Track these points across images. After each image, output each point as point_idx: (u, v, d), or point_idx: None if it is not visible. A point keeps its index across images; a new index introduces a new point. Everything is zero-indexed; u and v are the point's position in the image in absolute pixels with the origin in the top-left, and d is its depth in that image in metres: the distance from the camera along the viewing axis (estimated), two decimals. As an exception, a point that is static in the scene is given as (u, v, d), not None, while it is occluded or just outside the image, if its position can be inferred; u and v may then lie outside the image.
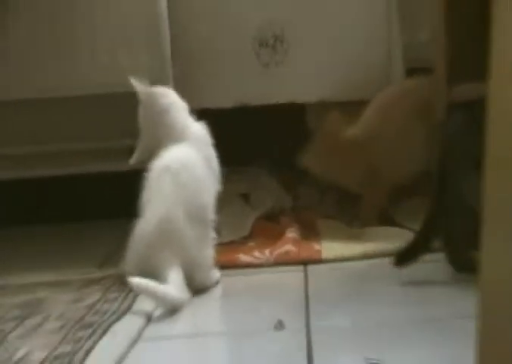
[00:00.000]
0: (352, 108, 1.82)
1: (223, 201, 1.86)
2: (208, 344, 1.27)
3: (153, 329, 1.33)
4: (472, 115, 1.31)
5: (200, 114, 1.83)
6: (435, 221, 1.47)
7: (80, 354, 1.20)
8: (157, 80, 1.67)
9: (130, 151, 1.66)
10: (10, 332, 1.34)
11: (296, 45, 1.89)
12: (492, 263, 0.51)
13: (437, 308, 1.32)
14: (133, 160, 1.60)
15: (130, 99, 1.61)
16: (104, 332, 1.29)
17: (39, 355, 1.21)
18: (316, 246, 1.68)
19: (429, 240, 1.47)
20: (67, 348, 1.24)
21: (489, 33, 0.51)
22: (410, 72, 1.91)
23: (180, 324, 1.37)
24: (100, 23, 1.97)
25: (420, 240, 1.47)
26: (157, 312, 1.40)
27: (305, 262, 1.62)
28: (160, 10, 1.88)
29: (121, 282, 1.55)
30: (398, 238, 1.65)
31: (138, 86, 1.59)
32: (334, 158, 1.80)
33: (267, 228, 1.80)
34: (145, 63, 1.86)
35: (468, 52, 1.55)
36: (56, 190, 2.06)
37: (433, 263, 1.53)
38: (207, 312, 1.45)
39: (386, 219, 1.80)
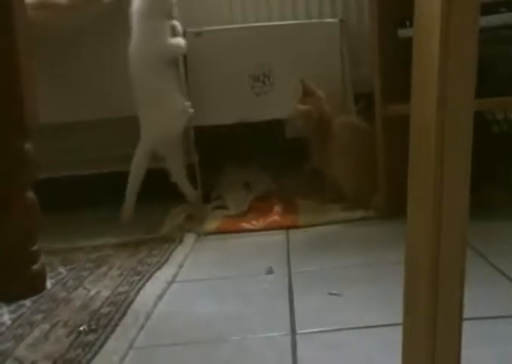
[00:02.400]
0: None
1: (230, 187, 1.88)
2: (218, 285, 1.27)
3: (182, 275, 1.34)
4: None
5: (214, 128, 1.84)
6: None
7: (133, 293, 1.21)
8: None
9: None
10: (86, 278, 1.35)
11: (278, 80, 1.89)
12: (415, 218, 0.51)
13: (378, 256, 1.33)
14: None
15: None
16: (150, 277, 1.31)
17: (106, 293, 1.23)
18: (295, 217, 1.69)
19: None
20: (124, 288, 1.25)
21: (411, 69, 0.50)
22: (359, 96, 1.90)
23: (198, 271, 1.38)
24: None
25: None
26: (185, 264, 1.41)
27: (287, 228, 1.62)
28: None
29: (161, 243, 1.57)
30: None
31: None
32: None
33: (260, 205, 1.79)
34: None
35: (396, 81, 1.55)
36: (110, 183, 2.01)
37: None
38: (217, 262, 1.44)
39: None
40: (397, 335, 0.53)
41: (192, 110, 1.73)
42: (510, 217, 1.49)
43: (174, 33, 1.76)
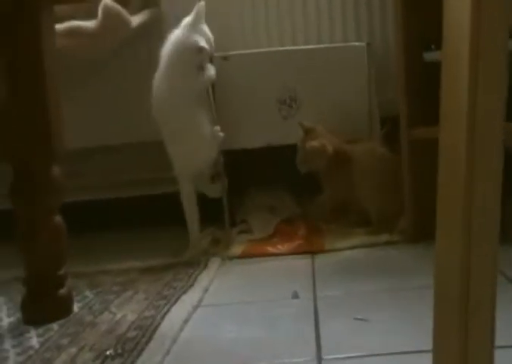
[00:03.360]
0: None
1: (255, 210, 1.88)
2: (244, 309, 1.27)
3: (207, 299, 1.34)
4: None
5: (242, 152, 1.85)
6: None
7: (159, 317, 1.21)
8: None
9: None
10: (112, 301, 1.36)
11: (305, 103, 1.89)
12: (444, 243, 0.50)
13: (404, 281, 1.31)
14: None
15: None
16: (176, 301, 1.31)
17: (132, 317, 1.23)
18: (320, 241, 1.68)
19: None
20: (150, 312, 1.25)
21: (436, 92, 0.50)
22: (384, 120, 1.90)
23: (223, 295, 1.37)
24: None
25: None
26: (211, 288, 1.40)
27: (312, 252, 1.61)
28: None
29: (186, 267, 1.56)
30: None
31: None
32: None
33: (285, 229, 1.78)
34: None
35: (421, 105, 1.55)
36: (134, 207, 2.02)
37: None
38: (243, 286, 1.44)
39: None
40: (424, 362, 0.53)
41: (221, 134, 1.73)
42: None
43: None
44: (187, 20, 1.67)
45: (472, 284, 0.47)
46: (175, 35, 1.66)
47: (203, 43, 1.63)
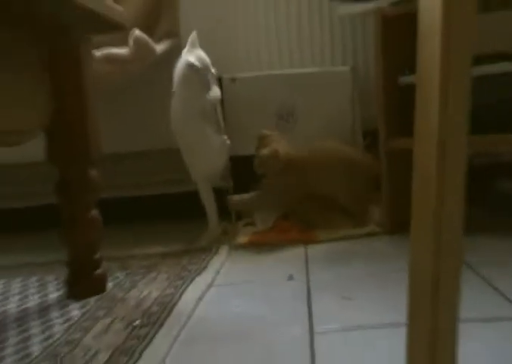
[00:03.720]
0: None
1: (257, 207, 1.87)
2: (249, 288, 1.27)
3: (218, 280, 1.34)
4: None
5: (248, 158, 1.84)
6: None
7: (177, 295, 1.21)
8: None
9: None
10: (139, 281, 1.36)
11: (299, 118, 1.89)
12: (417, 234, 0.50)
13: (384, 265, 1.32)
14: None
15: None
16: (191, 281, 1.31)
17: (155, 294, 1.23)
18: (312, 233, 1.67)
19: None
20: (170, 290, 1.25)
21: (410, 109, 0.51)
22: (366, 133, 1.89)
23: (232, 277, 1.37)
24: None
25: None
26: (221, 271, 1.41)
27: (305, 242, 1.61)
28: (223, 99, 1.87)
29: (200, 252, 1.57)
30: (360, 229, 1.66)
31: None
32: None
33: (283, 223, 1.77)
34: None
35: (397, 120, 1.55)
36: (158, 203, 2.02)
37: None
38: (247, 270, 1.43)
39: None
40: (401, 333, 0.53)
41: (229, 142, 1.73)
42: (491, 232, 1.48)
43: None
44: (185, 48, 1.69)
45: (441, 267, 0.47)
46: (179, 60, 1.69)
47: (192, 59, 1.63)
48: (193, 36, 1.70)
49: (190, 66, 1.63)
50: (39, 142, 1.25)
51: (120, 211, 1.98)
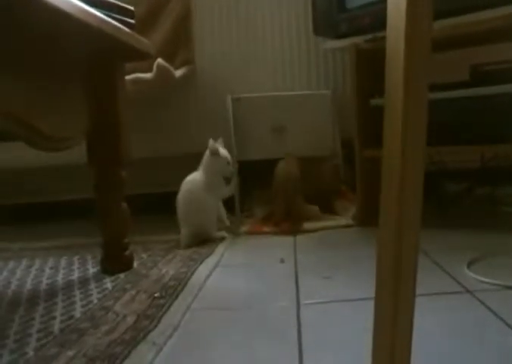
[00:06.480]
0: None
1: (257, 203, 1.87)
2: (247, 269, 1.27)
3: (223, 261, 1.33)
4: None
5: (249, 162, 1.84)
6: None
7: (190, 273, 1.21)
8: (226, 145, 1.69)
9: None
10: (159, 261, 1.36)
11: (290, 132, 1.90)
12: (384, 227, 0.50)
13: (357, 251, 1.31)
14: None
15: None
16: (201, 262, 1.31)
17: (172, 272, 1.23)
18: (300, 224, 1.66)
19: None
20: (184, 269, 1.25)
21: (380, 125, 0.50)
22: (345, 143, 1.89)
23: (234, 259, 1.36)
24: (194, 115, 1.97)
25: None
26: (225, 254, 1.40)
27: (294, 232, 1.60)
28: (229, 115, 1.88)
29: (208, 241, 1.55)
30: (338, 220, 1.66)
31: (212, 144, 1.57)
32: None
33: (276, 217, 1.74)
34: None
35: (370, 133, 1.55)
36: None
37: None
38: (247, 253, 1.43)
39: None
40: (370, 305, 0.53)
41: (233, 169, 1.66)
42: (442, 225, 1.48)
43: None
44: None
45: (402, 253, 0.48)
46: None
47: (220, 148, 1.59)
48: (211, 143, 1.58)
49: (215, 150, 1.57)
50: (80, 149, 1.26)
51: (144, 204, 1.97)
